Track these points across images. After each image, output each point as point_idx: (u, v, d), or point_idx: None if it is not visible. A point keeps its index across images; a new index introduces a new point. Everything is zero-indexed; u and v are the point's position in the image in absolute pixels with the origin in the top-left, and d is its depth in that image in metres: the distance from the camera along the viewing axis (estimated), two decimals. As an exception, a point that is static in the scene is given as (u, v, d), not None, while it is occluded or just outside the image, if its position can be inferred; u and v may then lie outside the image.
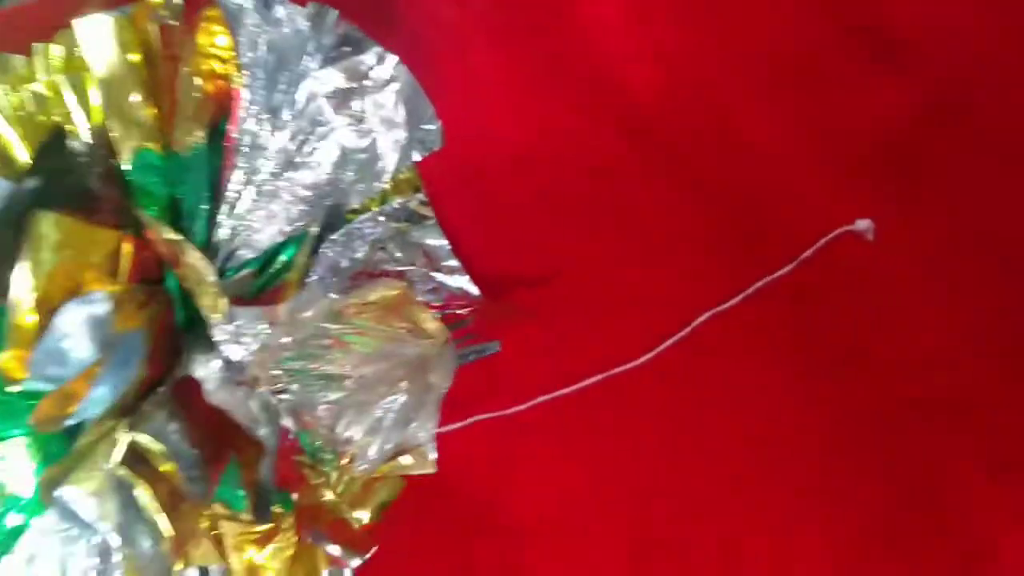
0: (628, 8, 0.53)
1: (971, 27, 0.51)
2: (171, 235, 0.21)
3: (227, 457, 0.24)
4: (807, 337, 0.43)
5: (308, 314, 0.23)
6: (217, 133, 0.29)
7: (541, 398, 0.39)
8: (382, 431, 0.25)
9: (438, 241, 0.38)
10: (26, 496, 0.28)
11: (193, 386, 0.23)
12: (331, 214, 0.29)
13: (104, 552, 0.24)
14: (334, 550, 0.29)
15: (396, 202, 0.36)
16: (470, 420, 0.36)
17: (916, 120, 0.48)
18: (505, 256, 0.45)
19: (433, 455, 0.25)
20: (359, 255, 0.34)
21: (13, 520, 0.28)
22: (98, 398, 0.22)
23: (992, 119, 0.48)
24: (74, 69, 0.27)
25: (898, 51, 0.50)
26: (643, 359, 0.41)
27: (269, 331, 0.22)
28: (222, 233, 0.30)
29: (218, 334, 0.23)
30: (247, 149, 0.29)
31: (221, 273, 0.31)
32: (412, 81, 0.31)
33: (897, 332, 0.43)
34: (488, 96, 0.51)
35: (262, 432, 0.23)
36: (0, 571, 0.24)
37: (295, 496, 0.30)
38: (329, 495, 0.32)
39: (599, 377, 0.40)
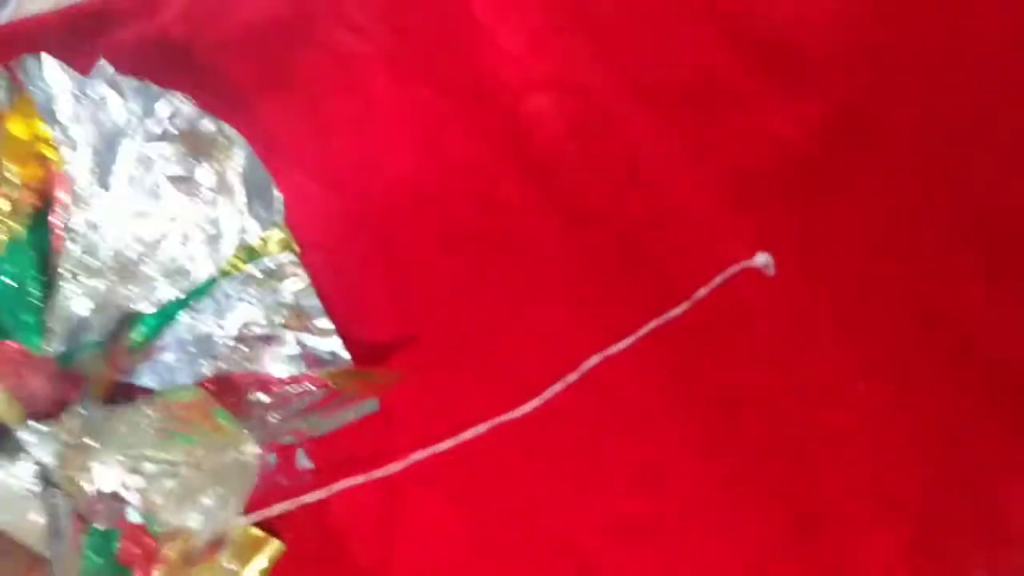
0: (528, 40, 0.52)
1: (871, 48, 0.50)
2: None
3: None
4: (702, 375, 0.43)
5: (109, 422, 0.22)
6: (39, 220, 0.28)
7: (418, 454, 0.38)
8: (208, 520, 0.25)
9: (310, 301, 0.37)
10: None
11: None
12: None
13: None
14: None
15: (266, 261, 0.36)
16: (343, 483, 0.36)
17: (816, 145, 0.48)
18: (398, 298, 0.44)
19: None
20: (226, 320, 0.34)
21: None
22: None
23: (892, 144, 0.48)
24: None
25: (797, 72, 0.49)
26: (530, 405, 0.40)
27: (59, 432, 0.22)
28: (61, 315, 0.29)
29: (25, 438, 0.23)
30: (79, 231, 0.29)
31: (69, 353, 0.30)
32: (251, 153, 0.30)
33: (793, 367, 0.43)
34: (389, 131, 0.50)
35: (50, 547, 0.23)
36: None
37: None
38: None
39: (485, 426, 0.40)
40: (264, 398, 0.31)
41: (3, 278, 0.26)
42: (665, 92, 0.49)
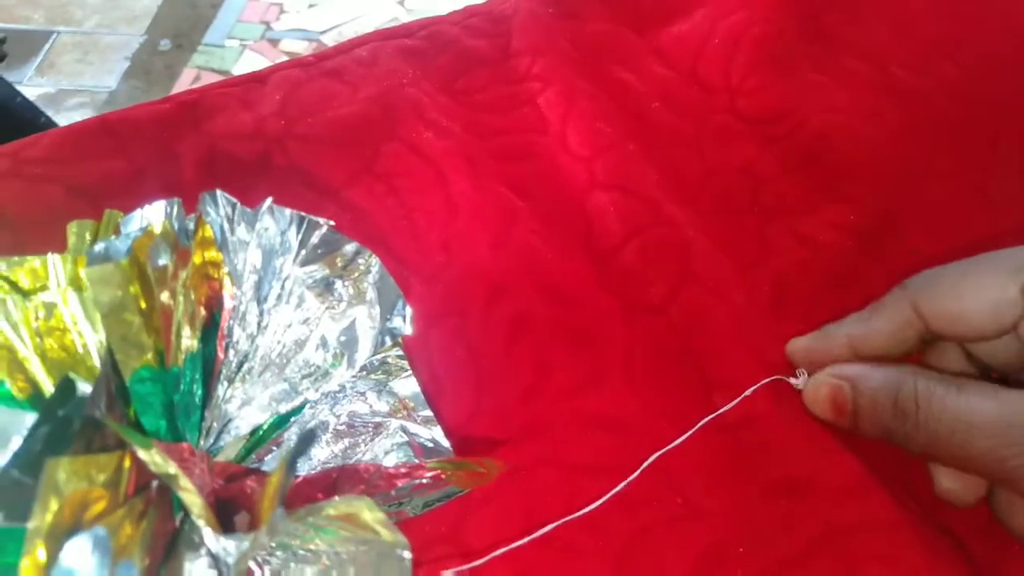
0: (591, 140, 0.56)
1: (897, 155, 0.55)
2: (146, 456, 0.25)
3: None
4: (747, 469, 0.46)
5: (281, 527, 0.26)
6: (208, 334, 0.32)
7: (500, 550, 0.42)
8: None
9: (413, 390, 0.41)
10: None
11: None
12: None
13: None
14: None
15: (376, 357, 0.40)
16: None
17: (852, 250, 0.52)
18: (476, 385, 0.48)
19: None
20: (340, 408, 0.38)
21: None
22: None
23: (926, 250, 0.52)
24: (80, 284, 0.31)
25: (834, 180, 0.54)
26: (595, 505, 0.43)
27: (254, 543, 0.26)
28: (217, 414, 0.34)
29: (207, 538, 0.27)
30: (238, 342, 0.33)
31: (215, 446, 0.35)
32: (384, 272, 0.35)
33: (815, 467, 0.46)
34: (467, 225, 0.54)
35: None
36: None
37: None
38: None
39: (552, 526, 0.43)
40: (381, 484, 0.34)
41: (182, 387, 0.30)
42: (709, 196, 0.54)
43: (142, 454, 0.25)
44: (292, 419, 0.36)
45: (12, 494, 0.25)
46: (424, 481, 0.35)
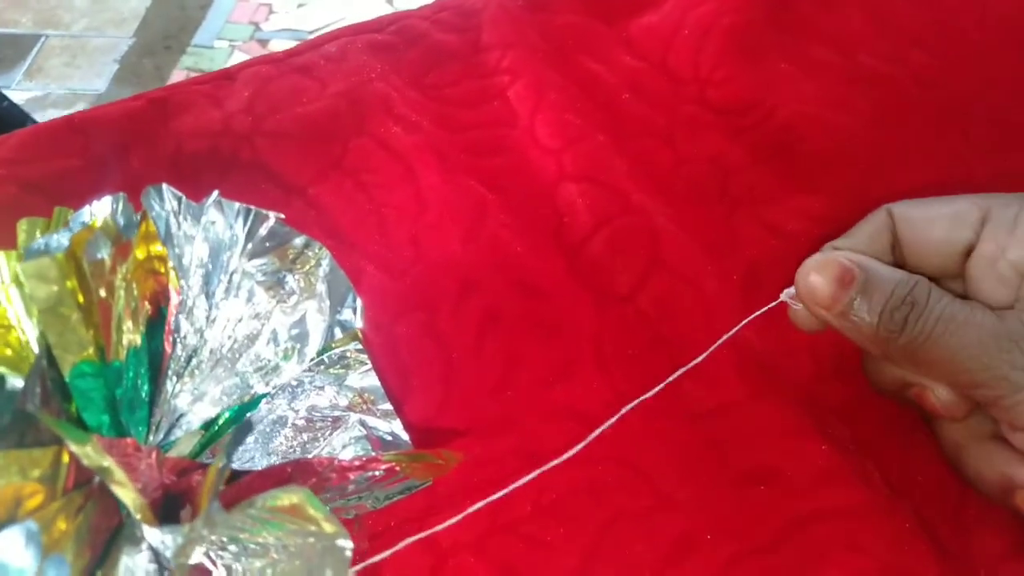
0: (560, 132, 0.56)
1: (870, 144, 0.54)
2: (79, 449, 0.25)
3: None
4: (716, 457, 0.46)
5: (219, 519, 0.26)
6: (153, 328, 0.32)
7: (457, 517, 0.41)
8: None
9: (372, 384, 0.41)
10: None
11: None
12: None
13: None
14: None
15: (335, 351, 0.40)
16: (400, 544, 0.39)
17: (822, 236, 0.51)
18: (444, 378, 0.48)
19: None
20: (299, 403, 0.38)
21: None
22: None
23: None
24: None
25: (802, 169, 0.53)
26: (553, 463, 0.43)
27: (189, 535, 0.26)
28: (166, 409, 0.33)
29: (146, 533, 0.27)
30: (185, 336, 0.33)
31: (166, 440, 0.34)
32: (335, 265, 0.35)
33: (796, 450, 0.46)
34: (437, 218, 0.54)
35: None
36: None
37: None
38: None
39: (510, 489, 0.42)
40: (333, 478, 0.34)
41: (125, 382, 0.30)
42: (678, 185, 0.54)
43: (74, 448, 0.25)
44: (247, 414, 0.36)
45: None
46: (378, 474, 0.35)
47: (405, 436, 0.39)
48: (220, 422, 0.34)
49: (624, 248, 0.53)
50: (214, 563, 0.31)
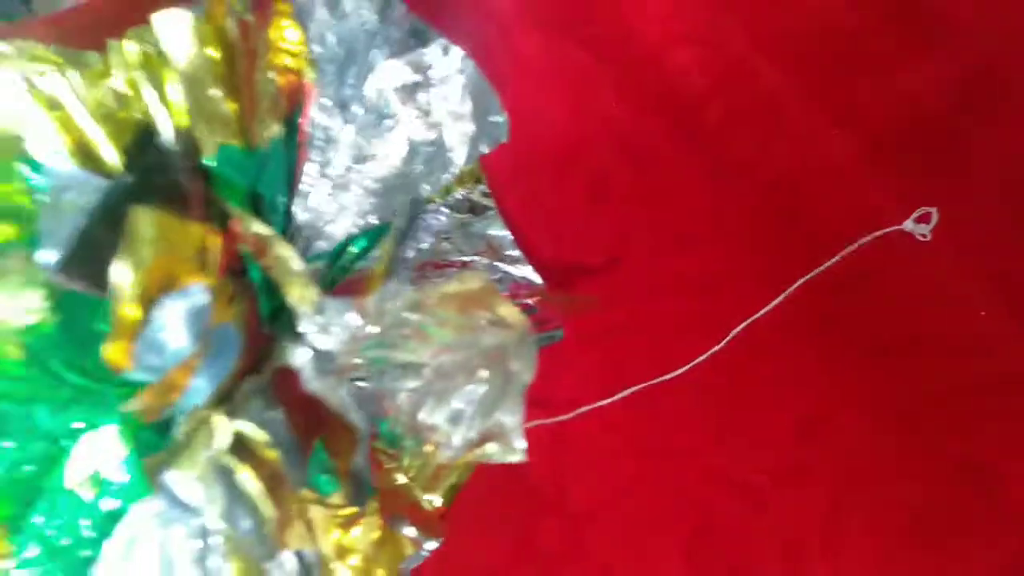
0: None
1: (1004, 7, 0.50)
2: (260, 228, 0.22)
3: (314, 443, 0.25)
4: (853, 329, 0.43)
5: (393, 305, 0.23)
6: (290, 127, 0.29)
7: (585, 407, 0.39)
8: (464, 420, 0.26)
9: (500, 232, 0.38)
10: (119, 481, 0.29)
11: (287, 375, 0.24)
12: (407, 205, 0.29)
13: (203, 534, 0.24)
14: (411, 532, 0.30)
15: (459, 193, 0.37)
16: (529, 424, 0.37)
17: (954, 105, 0.48)
18: (555, 245, 0.45)
19: (521, 443, 0.25)
20: (424, 246, 0.35)
21: (109, 504, 0.29)
22: (197, 389, 0.22)
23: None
24: (151, 66, 0.28)
25: (931, 33, 0.49)
26: (689, 366, 0.41)
27: (357, 322, 0.23)
28: (297, 224, 0.30)
29: (306, 326, 0.24)
30: (319, 142, 0.30)
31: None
32: (477, 74, 0.32)
33: (947, 322, 0.43)
34: (536, 85, 0.51)
35: (355, 418, 0.23)
36: (103, 555, 0.25)
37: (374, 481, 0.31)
38: (403, 479, 0.33)
39: (643, 386, 0.41)
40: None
41: (268, 175, 0.27)
42: (801, 51, 0.50)
43: (245, 221, 0.22)
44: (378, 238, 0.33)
45: (93, 257, 0.22)
46: (525, 302, 0.32)
47: (539, 279, 0.36)
48: (353, 248, 0.31)
49: (741, 115, 0.49)
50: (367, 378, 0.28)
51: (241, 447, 0.22)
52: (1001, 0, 0.52)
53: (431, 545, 0.32)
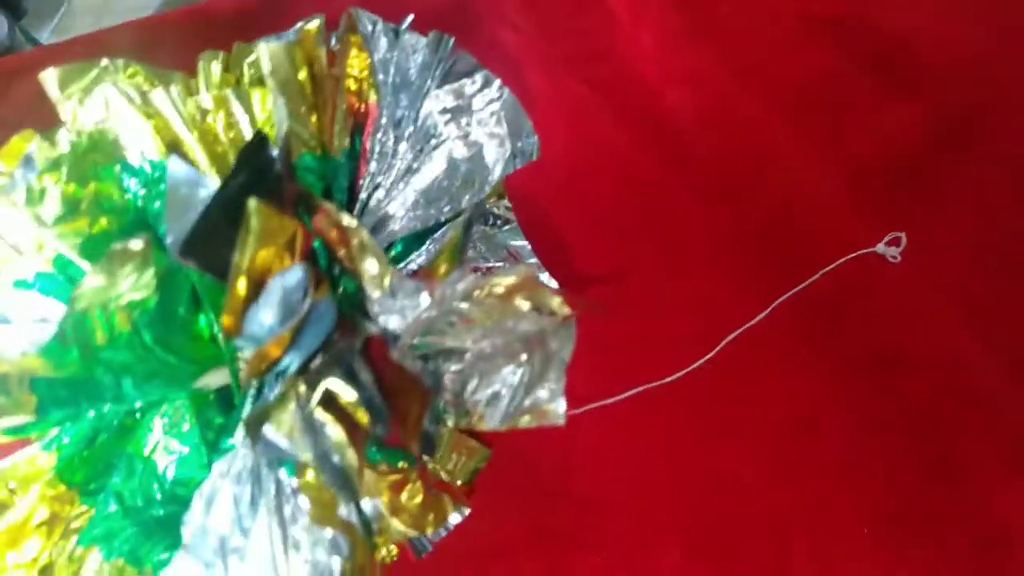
0: (663, 39, 0.58)
1: (981, 55, 0.56)
2: (346, 219, 0.26)
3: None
4: (832, 340, 0.48)
5: (453, 292, 0.27)
6: (354, 141, 0.33)
7: (593, 404, 0.44)
8: (506, 396, 0.30)
9: (520, 241, 0.42)
10: (184, 451, 0.33)
11: (372, 344, 0.28)
12: (472, 205, 0.34)
13: (282, 488, 0.28)
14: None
15: (487, 205, 0.41)
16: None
17: (930, 143, 0.53)
18: (560, 262, 0.49)
19: (561, 406, 0.29)
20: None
21: (176, 472, 0.33)
22: (292, 358, 0.26)
23: (1002, 142, 0.53)
24: (237, 84, 0.32)
25: (911, 78, 0.55)
26: (683, 372, 0.45)
27: (425, 304, 0.27)
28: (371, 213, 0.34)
29: (379, 307, 0.28)
30: (376, 156, 0.34)
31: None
32: (513, 100, 0.36)
33: (916, 337, 0.48)
34: (542, 117, 0.55)
35: (430, 383, 0.27)
36: (192, 507, 0.29)
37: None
38: (430, 463, 0.37)
39: (645, 387, 0.45)
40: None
41: (339, 181, 0.31)
42: (785, 92, 0.55)
43: (328, 206, 0.26)
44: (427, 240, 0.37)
45: (210, 242, 0.26)
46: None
47: (555, 283, 0.40)
48: (397, 249, 0.36)
49: (731, 150, 0.55)
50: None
51: (330, 404, 0.26)
52: (973, 49, 0.58)
53: (464, 513, 0.36)
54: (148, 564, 0.31)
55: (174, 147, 0.31)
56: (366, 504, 0.30)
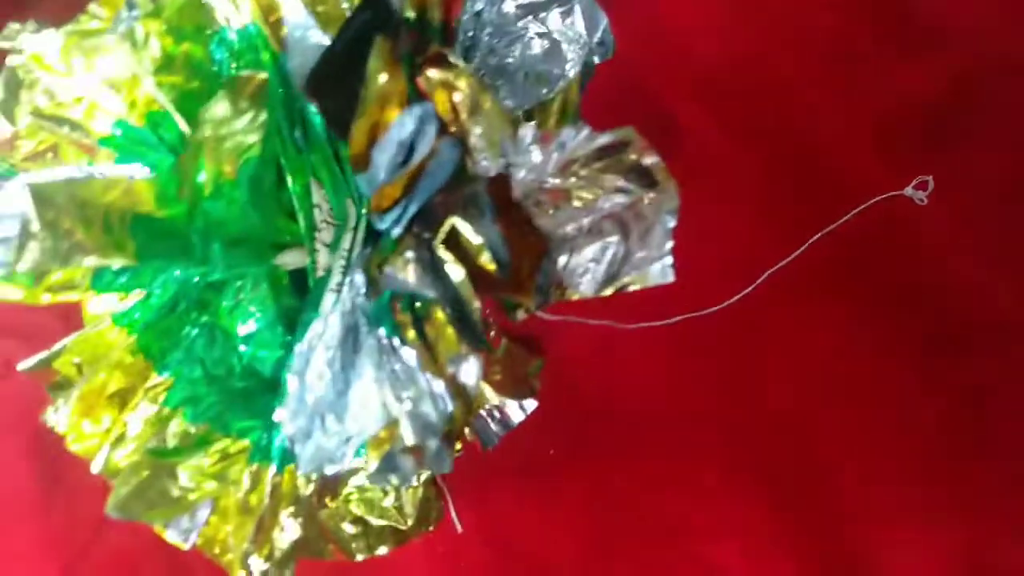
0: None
1: (1008, 6, 0.58)
2: (465, 74, 0.26)
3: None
4: (865, 276, 0.50)
5: (561, 155, 0.28)
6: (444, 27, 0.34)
7: (639, 324, 0.45)
8: (603, 265, 0.30)
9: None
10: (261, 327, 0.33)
11: (496, 184, 0.27)
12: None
13: (382, 348, 0.28)
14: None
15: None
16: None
17: (956, 94, 0.55)
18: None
19: (669, 261, 0.29)
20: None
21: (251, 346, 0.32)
22: (413, 200, 0.26)
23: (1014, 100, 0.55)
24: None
25: (937, 27, 0.57)
26: (724, 304, 0.47)
27: (537, 159, 0.27)
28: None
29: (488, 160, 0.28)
30: (460, 44, 0.34)
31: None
32: (590, 1, 0.37)
33: (942, 269, 0.49)
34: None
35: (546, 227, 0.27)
36: (294, 362, 0.28)
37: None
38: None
39: (687, 315, 0.47)
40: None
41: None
42: (813, 43, 0.57)
43: (452, 59, 0.26)
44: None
45: (335, 79, 0.25)
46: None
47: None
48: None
49: (761, 91, 0.56)
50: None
51: (453, 245, 0.26)
52: (989, 7, 0.60)
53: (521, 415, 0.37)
54: (233, 430, 0.31)
55: (269, 11, 0.30)
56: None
